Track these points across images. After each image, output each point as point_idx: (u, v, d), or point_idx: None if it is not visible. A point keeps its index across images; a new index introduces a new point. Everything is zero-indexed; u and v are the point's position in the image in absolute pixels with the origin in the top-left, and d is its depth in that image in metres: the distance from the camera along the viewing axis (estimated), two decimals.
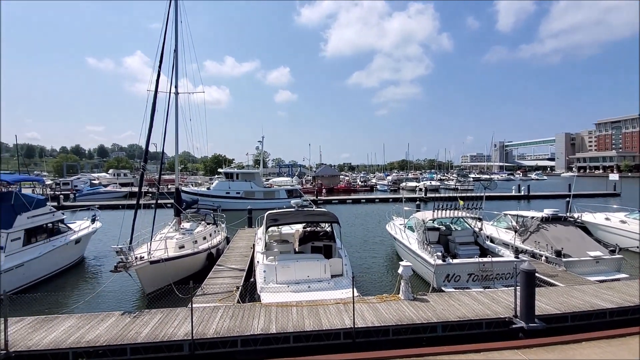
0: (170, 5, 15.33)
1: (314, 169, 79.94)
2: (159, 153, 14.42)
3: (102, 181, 59.67)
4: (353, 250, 17.62)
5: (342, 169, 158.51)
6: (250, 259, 13.52)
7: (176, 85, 16.57)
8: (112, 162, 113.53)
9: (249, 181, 36.91)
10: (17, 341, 7.16)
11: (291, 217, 12.58)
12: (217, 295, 9.90)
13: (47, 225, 13.95)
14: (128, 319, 8.22)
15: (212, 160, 78.53)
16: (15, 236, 12.03)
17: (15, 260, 11.60)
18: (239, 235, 18.13)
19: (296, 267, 10.40)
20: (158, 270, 10.91)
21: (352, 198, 46.18)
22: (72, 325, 7.91)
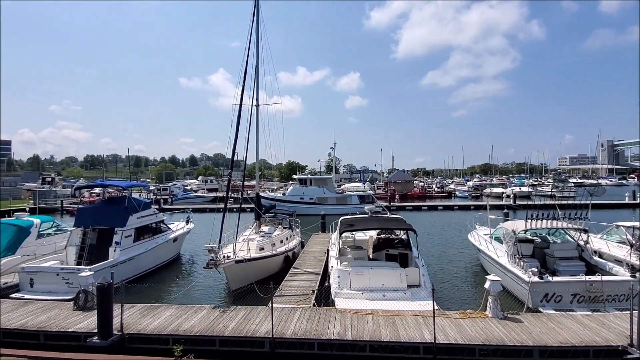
0: (252, 26, 16.66)
1: (386, 174, 78.35)
2: (240, 161, 15.66)
3: (192, 187, 67.08)
4: (430, 260, 16.71)
5: (416, 174, 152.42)
6: (324, 263, 13.74)
7: (257, 98, 17.88)
8: (201, 170, 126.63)
9: (322, 187, 37.77)
10: (130, 324, 8.32)
11: (365, 223, 12.46)
12: (294, 297, 10.23)
13: (151, 225, 16.05)
14: (217, 313, 8.97)
15: (287, 167, 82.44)
16: (128, 233, 14.06)
17: (128, 254, 13.57)
18: (313, 240, 18.60)
19: (370, 274, 10.23)
20: (242, 269, 11.75)
21: (428, 205, 44.03)
22: (171, 315, 8.93)
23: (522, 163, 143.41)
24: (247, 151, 14.72)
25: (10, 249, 13.88)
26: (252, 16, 16.94)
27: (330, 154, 50.59)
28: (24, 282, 11.64)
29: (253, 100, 17.52)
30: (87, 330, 8.13)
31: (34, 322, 8.63)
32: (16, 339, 8.25)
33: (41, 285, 11.48)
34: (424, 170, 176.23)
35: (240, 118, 14.04)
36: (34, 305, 9.84)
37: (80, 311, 9.29)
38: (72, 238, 13.85)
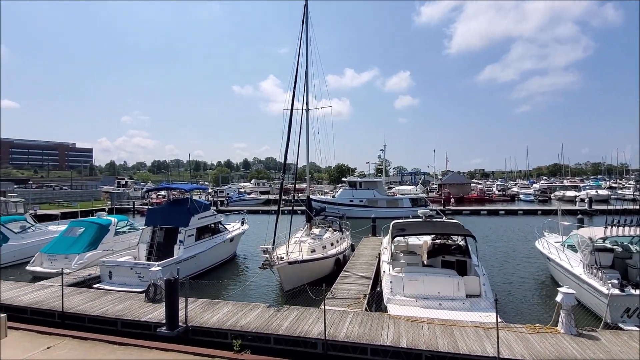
0: (302, 32, 17.07)
1: (440, 176, 75.08)
2: (291, 164, 16.06)
3: (246, 189, 70.13)
4: (491, 269, 15.61)
5: (473, 176, 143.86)
6: (375, 267, 13.52)
7: (307, 103, 18.24)
8: (254, 174, 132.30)
9: (372, 189, 37.27)
10: (193, 318, 8.90)
11: (419, 227, 12.03)
12: (346, 300, 10.19)
13: (211, 225, 17.07)
14: (271, 312, 9.26)
15: (336, 169, 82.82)
16: (190, 233, 15.10)
17: (191, 252, 14.57)
18: (363, 243, 18.40)
19: (425, 281, 9.84)
20: (295, 270, 12.01)
21: (487, 209, 41.26)
22: (229, 311, 9.40)
23: (598, 163, 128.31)
24: (298, 155, 15.06)
25: (93, 245, 15.68)
26: (301, 23, 17.36)
27: (380, 156, 49.75)
28: (104, 274, 13.04)
29: (303, 105, 17.93)
30: (156, 321, 8.87)
31: (113, 311, 9.62)
32: (98, 324, 9.28)
33: (118, 277, 12.79)
34: (482, 172, 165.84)
35: (291, 123, 14.46)
36: (112, 296, 10.98)
37: (150, 303, 10.17)
38: (143, 236, 15.24)
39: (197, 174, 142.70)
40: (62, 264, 14.07)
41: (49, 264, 14.73)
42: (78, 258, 14.62)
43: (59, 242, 15.72)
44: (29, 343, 7.33)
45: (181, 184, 34.05)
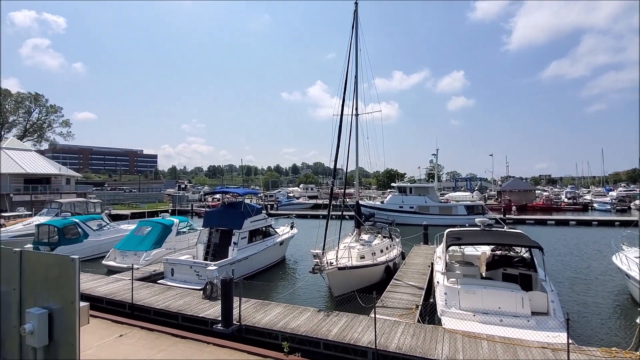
0: (351, 38, 17.12)
1: (499, 182, 70.19)
2: (338, 169, 16.07)
3: (295, 194, 71.57)
4: (560, 285, 14.18)
5: (538, 182, 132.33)
6: (428, 277, 12.97)
7: (356, 108, 18.19)
8: (302, 178, 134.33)
9: (423, 195, 35.92)
10: (246, 317, 9.24)
11: (476, 236, 11.31)
12: (397, 310, 9.89)
13: (262, 229, 17.65)
14: (320, 316, 9.28)
15: (385, 174, 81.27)
16: (243, 235, 15.75)
17: (244, 254, 15.18)
18: (414, 252, 17.77)
19: (484, 294, 9.20)
20: (344, 276, 11.94)
21: (555, 219, 37.65)
22: (280, 313, 9.60)
23: None
24: (347, 160, 15.03)
25: (158, 243, 17.04)
26: (351, 28, 17.43)
27: (432, 161, 47.66)
28: (167, 271, 14.08)
29: (353, 110, 17.91)
30: (213, 318, 9.35)
31: (174, 305, 10.33)
32: (162, 317, 10.01)
33: (179, 275, 13.72)
34: (547, 177, 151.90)
35: (341, 128, 14.50)
36: (174, 291, 11.80)
37: (207, 300, 10.76)
38: (201, 236, 16.22)
39: (248, 179, 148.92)
40: (132, 260, 15.48)
41: (121, 259, 16.29)
42: (145, 255, 15.98)
43: (130, 240, 17.33)
44: (104, 330, 8.12)
45: (234, 188, 35.80)
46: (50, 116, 65.53)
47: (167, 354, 7.05)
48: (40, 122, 64.91)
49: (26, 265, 4.94)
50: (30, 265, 4.94)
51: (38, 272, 4.88)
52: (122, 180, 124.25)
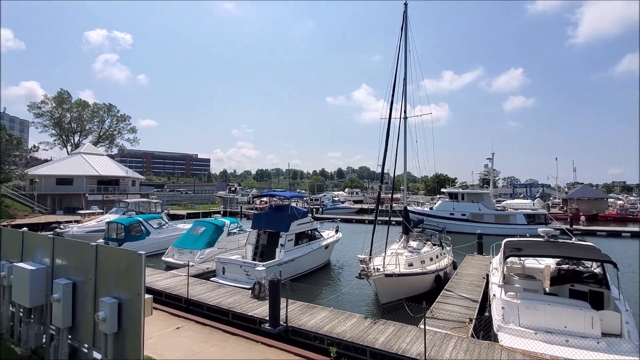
0: (400, 38, 16.79)
1: (565, 189, 64.12)
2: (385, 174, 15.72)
3: (340, 198, 71.51)
4: (636, 304, 12.52)
5: (611, 189, 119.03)
6: (483, 290, 12.18)
7: (405, 111, 17.74)
8: (347, 182, 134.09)
9: (477, 202, 33.90)
10: (292, 318, 9.34)
11: (539, 248, 10.39)
12: (448, 322, 9.40)
13: (308, 232, 17.83)
14: (367, 323, 9.11)
15: (433, 179, 78.09)
16: (290, 238, 16.04)
17: (290, 256, 15.45)
18: (467, 262, 16.80)
19: (547, 311, 8.39)
20: (391, 283, 11.64)
21: (631, 230, 33.49)
22: (325, 317, 9.58)
23: None
24: (395, 164, 14.69)
25: (211, 243, 17.98)
26: (400, 30, 17.09)
27: (487, 165, 44.67)
28: (219, 269, 14.77)
29: (401, 113, 17.49)
30: (260, 317, 9.60)
31: (226, 303, 10.78)
32: (214, 313, 10.50)
33: (230, 273, 14.32)
34: (622, 184, 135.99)
35: (389, 132, 14.23)
36: (225, 289, 12.33)
37: (255, 299, 11.08)
38: (249, 238, 16.81)
39: (294, 182, 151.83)
40: (187, 257, 16.48)
41: (178, 256, 17.43)
42: (199, 253, 16.93)
43: (186, 239, 18.49)
44: (163, 322, 8.71)
45: (281, 192, 36.69)
46: (120, 124, 72.54)
47: (219, 348, 7.35)
48: (112, 129, 72.08)
49: (100, 258, 5.48)
50: (104, 259, 5.46)
51: (110, 265, 5.37)
52: (179, 182, 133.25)
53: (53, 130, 65.66)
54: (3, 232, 8.42)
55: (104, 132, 71.16)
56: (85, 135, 69.41)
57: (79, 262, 5.82)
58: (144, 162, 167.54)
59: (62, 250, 6.24)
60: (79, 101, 68.57)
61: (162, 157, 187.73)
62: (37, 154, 57.32)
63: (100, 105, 70.64)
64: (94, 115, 69.66)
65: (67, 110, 66.46)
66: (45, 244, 6.59)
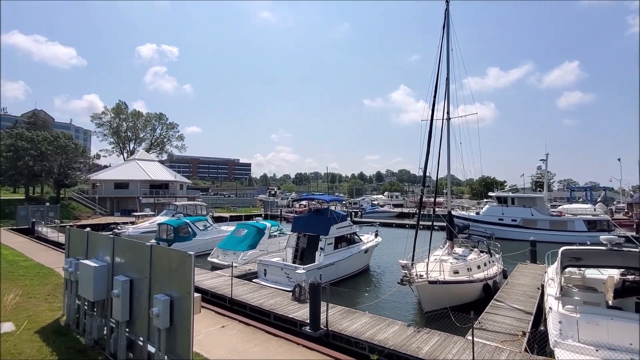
0: (442, 37, 16.26)
1: (630, 192, 57.96)
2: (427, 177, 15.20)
3: (379, 202, 70.38)
4: None
5: None
6: (537, 301, 11.32)
7: (448, 111, 17.12)
8: (387, 186, 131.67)
9: (529, 207, 31.65)
10: (332, 323, 9.30)
11: (602, 257, 9.45)
12: (498, 334, 8.83)
13: (347, 236, 17.73)
14: (410, 331, 8.83)
15: (479, 182, 74.25)
16: (329, 241, 16.04)
17: (330, 259, 15.44)
18: (519, 270, 15.71)
19: (610, 326, 7.59)
20: (435, 291, 11.20)
21: None
22: (366, 322, 9.43)
23: None
24: (438, 167, 14.17)
25: (253, 245, 18.51)
26: (442, 28, 16.58)
27: (540, 167, 41.57)
28: (260, 271, 15.13)
29: (444, 114, 16.90)
30: (301, 319, 9.67)
31: (267, 304, 11.01)
32: (256, 313, 10.76)
33: (271, 275, 14.62)
34: None
35: (431, 133, 13.80)
36: (267, 290, 12.59)
37: (296, 302, 11.20)
38: (289, 240, 17.06)
39: (332, 186, 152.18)
40: (231, 258, 17.09)
41: (222, 257, 18.13)
42: (242, 255, 17.49)
43: (229, 240, 19.20)
44: (209, 320, 9.07)
45: (320, 195, 36.90)
46: (169, 132, 77.46)
47: (262, 348, 7.50)
48: (162, 137, 77.15)
49: (154, 257, 5.83)
50: (157, 258, 5.80)
51: (163, 264, 5.70)
52: (222, 186, 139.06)
53: (111, 139, 71.84)
54: (71, 232, 9.30)
55: (155, 140, 76.36)
56: (139, 142, 75.01)
57: (135, 261, 6.25)
58: (191, 167, 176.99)
59: (121, 250, 6.74)
60: (134, 111, 74.44)
61: (206, 162, 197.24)
62: (98, 161, 62.92)
63: (152, 114, 76.02)
64: (147, 124, 75.10)
65: (124, 120, 72.38)
66: (106, 243, 7.16)
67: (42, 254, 18.04)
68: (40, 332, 7.77)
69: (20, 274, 13.32)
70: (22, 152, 40.88)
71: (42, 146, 42.29)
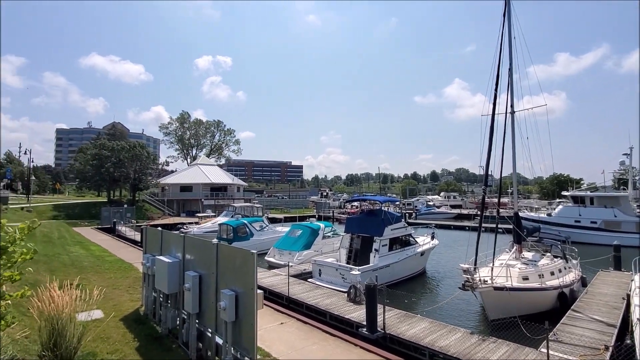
0: (503, 25, 15.17)
1: None
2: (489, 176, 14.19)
3: (435, 203, 67.43)
4: None
5: None
6: (622, 313, 10.00)
7: (512, 105, 15.89)
8: (443, 186, 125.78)
9: (611, 207, 28.05)
10: (390, 326, 9.10)
11: None
12: (577, 348, 7.95)
13: (402, 237, 17.26)
14: (474, 340, 8.33)
15: (550, 180, 67.39)
16: (384, 243, 15.74)
17: (385, 261, 15.16)
18: (600, 278, 14.00)
19: None
20: (502, 298, 10.42)
21: None
22: (425, 328, 9.08)
23: None
24: (502, 164, 13.23)
25: (308, 245, 18.86)
26: (502, 15, 15.46)
27: (624, 163, 36.46)
28: (315, 271, 15.35)
29: (507, 107, 15.71)
30: (357, 321, 9.61)
31: (323, 304, 11.13)
32: (312, 312, 10.92)
33: (326, 275, 14.77)
34: None
35: (493, 129, 12.95)
36: (322, 290, 12.73)
37: (351, 303, 11.17)
38: (343, 241, 17.08)
39: (384, 187, 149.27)
40: (287, 258, 17.58)
41: (279, 256, 18.74)
42: (298, 255, 17.91)
43: (285, 240, 19.78)
44: (269, 316, 9.42)
45: (372, 196, 36.43)
46: (227, 137, 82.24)
47: (320, 347, 7.60)
48: (221, 142, 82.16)
49: (220, 255, 6.21)
50: (223, 255, 6.17)
51: (227, 262, 6.05)
52: (276, 188, 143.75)
53: (177, 146, 78.23)
54: (147, 231, 10.28)
55: (214, 145, 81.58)
56: (200, 148, 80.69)
57: (203, 258, 6.72)
58: (246, 170, 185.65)
59: (191, 247, 7.29)
60: (195, 120, 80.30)
61: (260, 165, 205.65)
62: (166, 167, 69.02)
63: (211, 121, 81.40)
64: (207, 131, 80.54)
65: (187, 128, 78.41)
66: (178, 241, 7.80)
67: (122, 250, 20.21)
68: (124, 319, 8.70)
69: (105, 268, 15.06)
70: (104, 160, 46.30)
71: (121, 154, 47.49)
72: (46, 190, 77.89)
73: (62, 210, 43.86)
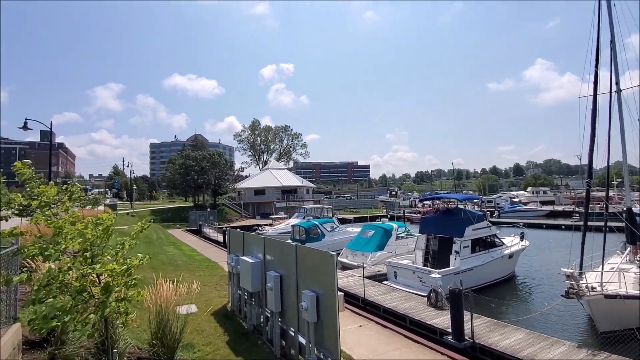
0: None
1: None
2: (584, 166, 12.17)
3: (521, 199, 60.81)
4: None
5: None
6: None
7: (617, 82, 13.55)
8: (529, 180, 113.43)
9: None
10: (479, 335, 8.35)
11: None
12: None
13: (485, 238, 15.83)
14: (582, 354, 7.22)
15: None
16: (465, 244, 14.59)
17: (468, 265, 14.04)
18: None
19: None
20: (614, 307, 8.88)
21: None
22: (522, 339, 8.13)
23: None
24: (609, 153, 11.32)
25: (381, 246, 18.44)
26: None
27: None
28: (390, 273, 14.91)
29: (612, 85, 13.43)
30: (441, 327, 9.03)
31: (402, 307, 10.71)
32: (390, 316, 10.58)
33: (402, 278, 14.24)
34: None
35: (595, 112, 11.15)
36: (398, 293, 12.28)
37: (432, 308, 10.55)
38: (418, 242, 16.29)
39: (459, 183, 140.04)
40: (360, 259, 17.41)
41: (352, 257, 18.66)
42: (371, 256, 17.61)
43: (357, 241, 19.63)
44: (347, 318, 9.35)
45: (447, 194, 34.31)
46: (294, 141, 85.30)
47: (402, 353, 7.29)
48: (289, 146, 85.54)
49: (299, 256, 6.32)
50: (302, 257, 6.26)
51: (307, 263, 6.12)
52: (343, 189, 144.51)
53: (249, 152, 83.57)
54: (230, 233, 11.03)
55: (283, 149, 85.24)
56: (270, 153, 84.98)
57: (283, 259, 6.92)
58: (314, 172, 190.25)
59: (270, 248, 7.58)
60: (265, 126, 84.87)
61: (327, 166, 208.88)
62: (241, 172, 74.11)
63: (279, 127, 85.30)
64: (275, 136, 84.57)
65: (258, 135, 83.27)
66: (258, 242, 8.18)
67: (207, 250, 22.13)
68: (214, 314, 9.42)
69: (195, 266, 16.60)
70: (189, 169, 51.57)
71: (203, 163, 52.39)
72: (144, 197, 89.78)
73: (158, 214, 49.87)
